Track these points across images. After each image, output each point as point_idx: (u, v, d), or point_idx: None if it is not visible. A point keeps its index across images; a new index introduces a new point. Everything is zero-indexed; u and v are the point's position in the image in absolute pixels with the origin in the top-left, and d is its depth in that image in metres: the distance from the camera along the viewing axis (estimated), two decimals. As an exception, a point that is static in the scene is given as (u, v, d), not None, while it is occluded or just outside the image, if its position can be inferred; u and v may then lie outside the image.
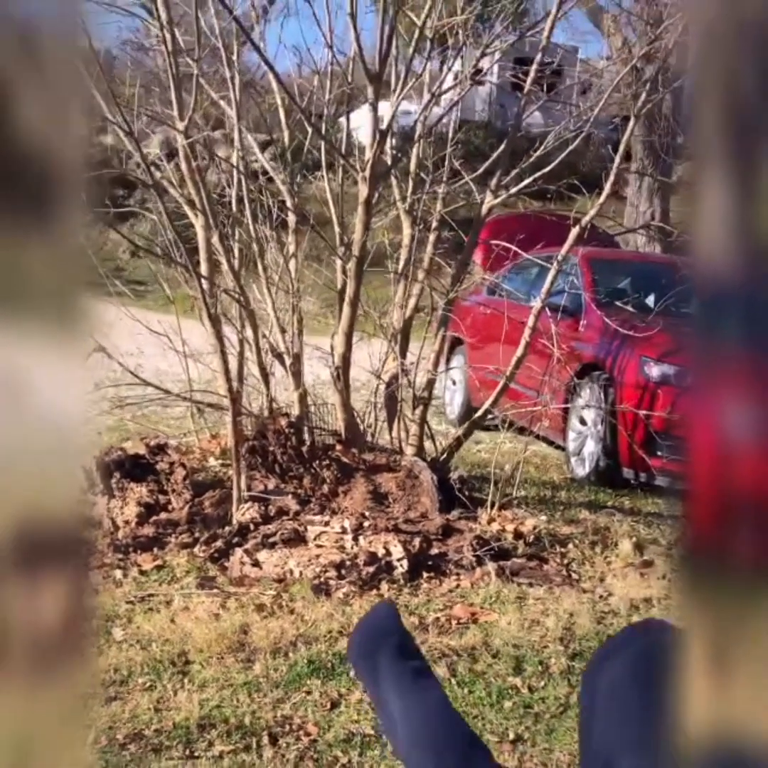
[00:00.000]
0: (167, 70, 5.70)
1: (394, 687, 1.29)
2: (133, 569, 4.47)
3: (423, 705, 1.26)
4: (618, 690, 0.94)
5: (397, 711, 1.27)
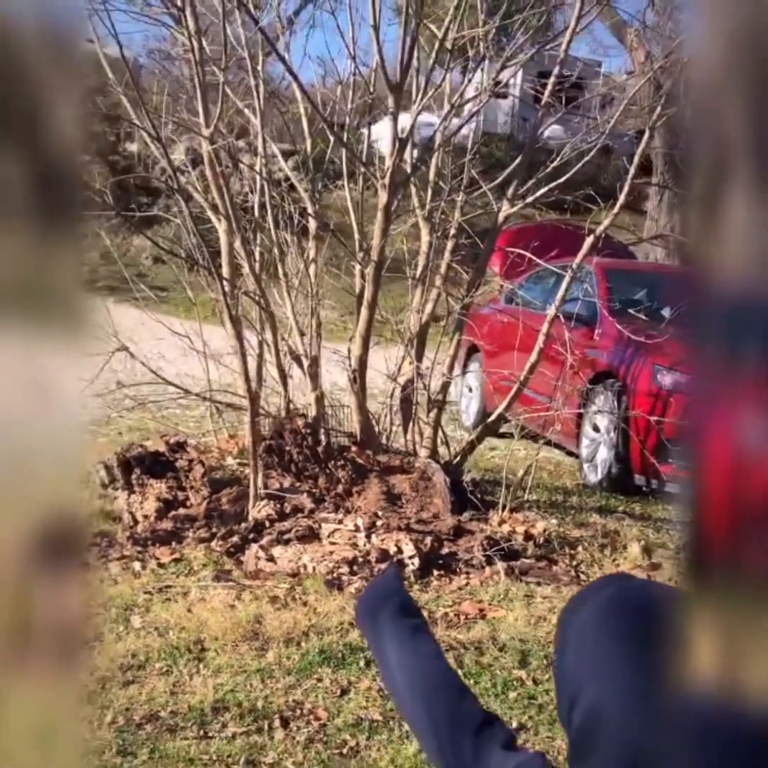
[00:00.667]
0: (193, 79, 5.86)
1: (393, 641, 1.40)
2: (151, 561, 4.60)
3: (418, 658, 1.37)
4: (587, 629, 1.04)
5: (395, 663, 1.38)
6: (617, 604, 1.02)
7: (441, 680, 1.32)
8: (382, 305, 6.20)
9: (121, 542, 4.73)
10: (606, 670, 0.96)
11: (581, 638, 1.02)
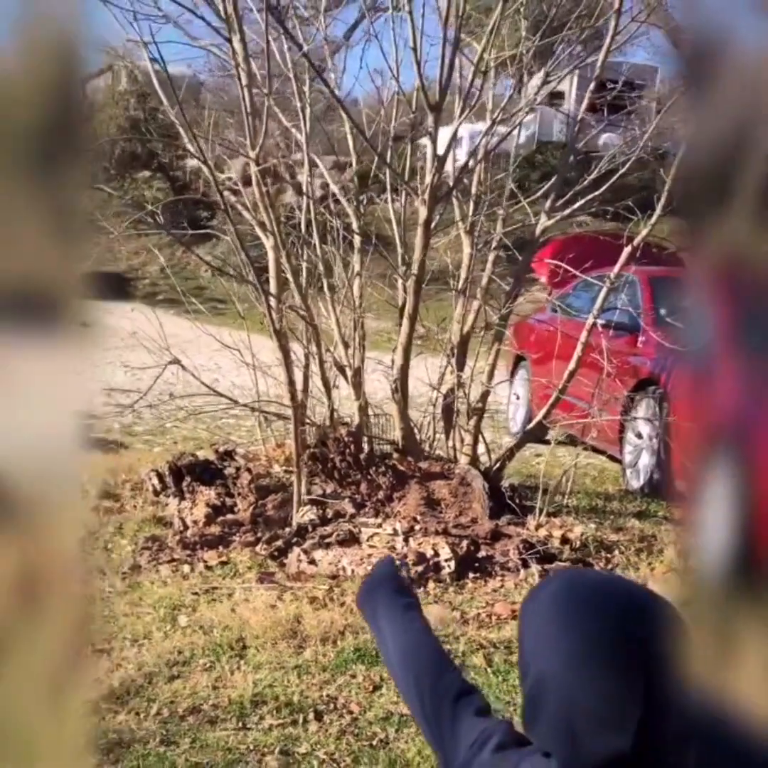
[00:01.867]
0: (241, 102, 6.11)
1: (387, 617, 1.58)
2: (199, 564, 4.83)
3: (408, 632, 1.54)
4: (537, 614, 1.21)
5: (388, 637, 1.56)
6: (562, 593, 1.19)
7: (427, 653, 1.50)
8: (424, 316, 6.38)
9: (172, 546, 4.98)
10: (549, 647, 1.13)
11: (533, 621, 1.19)
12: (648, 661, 1.06)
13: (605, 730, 1.06)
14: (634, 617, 1.11)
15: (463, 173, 6.52)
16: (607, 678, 1.07)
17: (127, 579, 4.75)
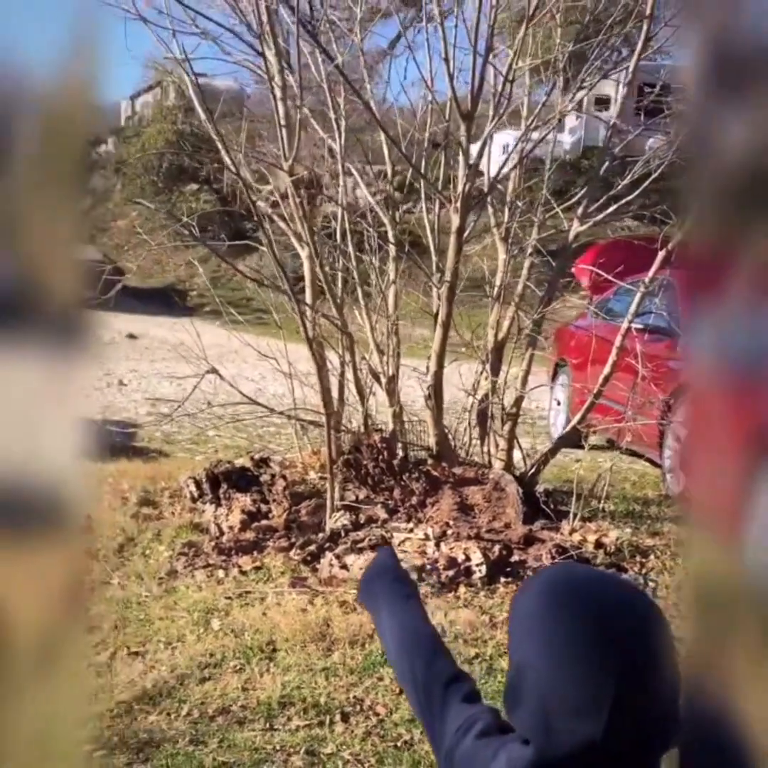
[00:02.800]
0: (275, 115, 6.21)
1: (386, 604, 1.63)
2: (234, 569, 4.92)
3: (406, 619, 1.60)
4: (525, 605, 1.25)
5: (387, 626, 1.62)
6: (548, 585, 1.24)
7: (422, 639, 1.55)
8: (460, 323, 6.41)
9: (207, 552, 5.07)
10: (531, 637, 1.18)
11: (520, 611, 1.24)
12: (623, 653, 1.10)
13: (578, 719, 1.09)
14: (612, 612, 1.14)
15: (496, 181, 6.55)
16: (582, 668, 1.10)
17: (163, 584, 4.85)
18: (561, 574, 1.35)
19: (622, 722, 1.08)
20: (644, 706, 1.10)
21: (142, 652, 4.15)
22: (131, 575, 4.99)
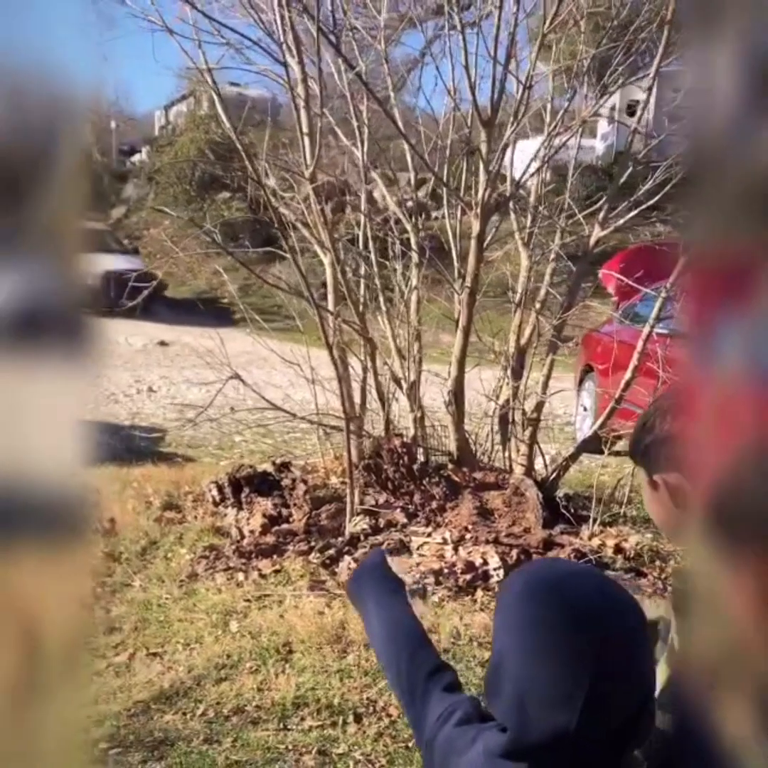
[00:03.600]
0: (296, 124, 6.28)
1: (373, 600, 1.67)
2: (253, 573, 4.97)
3: (391, 613, 1.63)
4: (506, 598, 1.29)
5: (374, 618, 1.66)
6: (529, 577, 1.27)
7: (407, 631, 1.59)
8: (483, 328, 6.44)
9: (228, 555, 5.13)
10: (510, 626, 1.21)
11: (502, 602, 1.27)
12: (598, 646, 1.13)
13: (552, 709, 1.12)
14: (590, 606, 1.17)
15: (518, 187, 6.57)
16: (558, 660, 1.13)
17: (184, 586, 4.91)
18: (542, 568, 1.38)
19: (596, 714, 1.11)
20: (618, 699, 1.13)
21: (161, 653, 4.22)
22: (153, 578, 5.06)
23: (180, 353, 14.78)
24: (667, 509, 1.39)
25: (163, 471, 6.87)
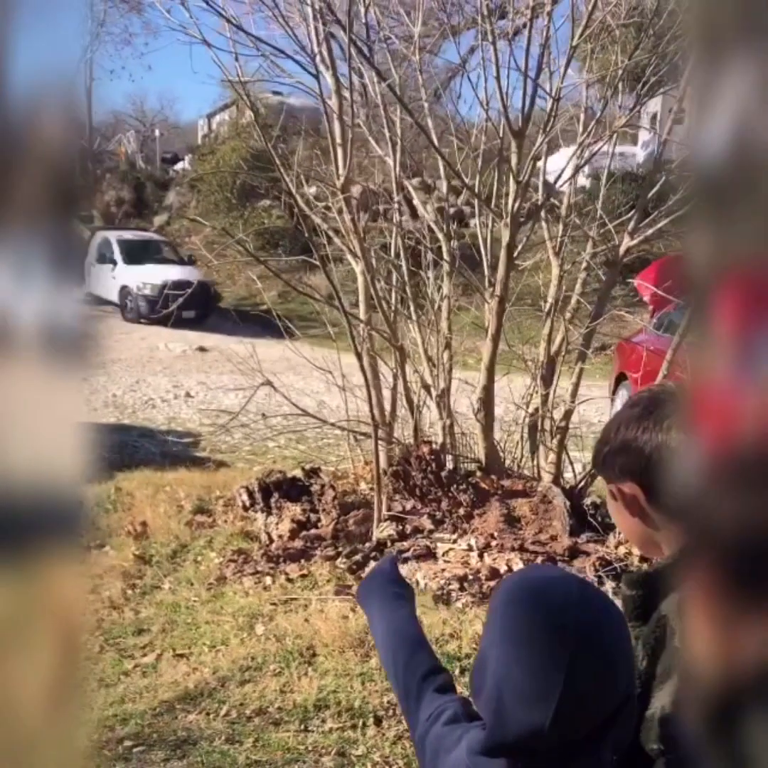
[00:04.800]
0: (328, 134, 6.37)
1: (378, 604, 1.73)
2: (281, 577, 5.04)
3: (394, 615, 1.69)
4: (494, 600, 1.35)
5: (377, 621, 1.72)
6: (514, 581, 1.32)
7: (405, 635, 1.65)
8: (511, 337, 6.47)
9: (256, 559, 5.20)
10: (493, 626, 1.26)
11: (490, 606, 1.32)
12: (572, 646, 1.17)
13: (528, 706, 1.17)
14: (564, 608, 1.21)
15: (549, 197, 6.60)
16: (533, 659, 1.18)
17: (212, 589, 4.99)
18: (526, 572, 1.44)
19: (571, 713, 1.15)
20: (594, 698, 1.17)
21: (187, 654, 4.30)
22: (182, 580, 5.15)
23: (218, 359, 14.94)
24: (625, 517, 1.43)
25: (196, 475, 6.97)
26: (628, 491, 1.39)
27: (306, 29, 6.46)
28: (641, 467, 1.36)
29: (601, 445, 1.46)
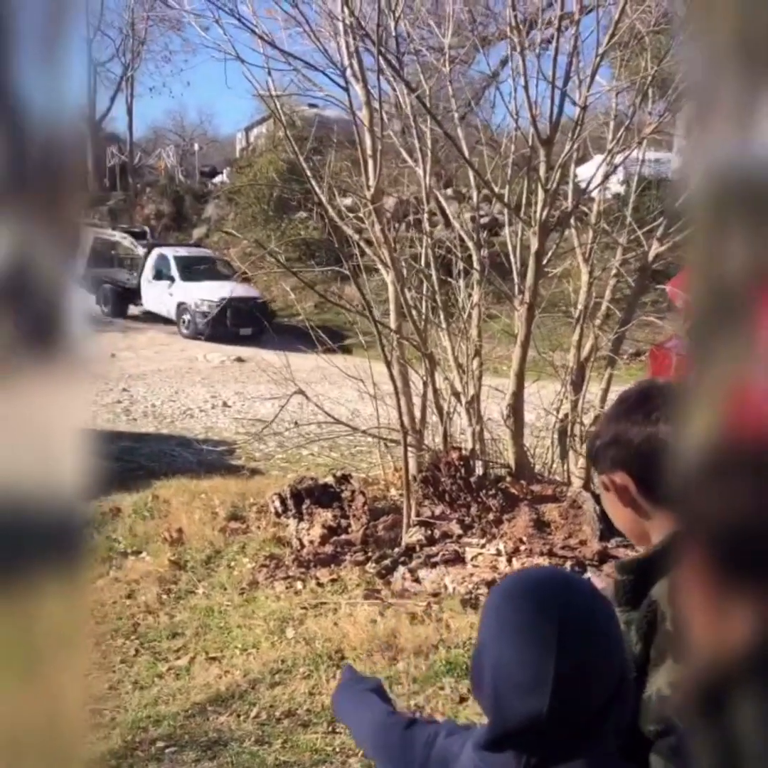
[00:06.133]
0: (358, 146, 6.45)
1: (351, 709, 1.82)
2: (311, 581, 5.12)
3: (362, 701, 1.78)
4: (491, 596, 1.41)
5: (351, 713, 1.80)
6: (508, 580, 1.39)
7: (377, 716, 1.72)
8: (541, 343, 6.51)
9: (288, 564, 5.28)
10: (487, 622, 1.32)
11: (486, 603, 1.39)
12: (561, 629, 1.22)
13: (524, 695, 1.22)
14: (554, 594, 1.27)
15: (576, 206, 6.63)
16: (526, 648, 1.23)
17: (244, 594, 5.08)
18: (520, 572, 1.50)
19: (566, 698, 1.20)
20: (588, 683, 1.22)
21: (220, 658, 4.39)
22: (216, 585, 5.24)
23: (255, 370, 15.09)
24: (617, 507, 1.48)
25: (231, 483, 7.07)
26: (619, 481, 1.45)
27: (336, 43, 6.57)
28: (631, 458, 1.42)
29: (595, 438, 1.53)
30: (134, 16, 32.87)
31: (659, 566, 1.37)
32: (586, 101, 5.81)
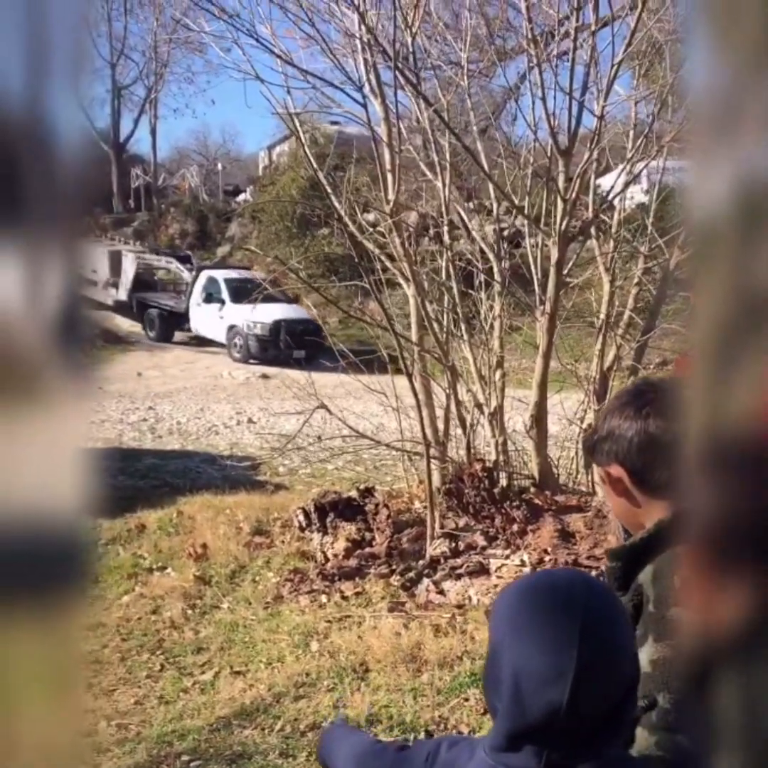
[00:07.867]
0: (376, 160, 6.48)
1: (334, 746, 1.82)
2: (336, 595, 5.12)
3: (346, 745, 1.78)
4: (504, 596, 1.41)
5: (340, 759, 1.80)
6: (523, 580, 1.39)
7: (364, 740, 1.73)
8: (563, 353, 6.50)
9: (312, 578, 5.29)
10: (504, 619, 1.33)
11: (496, 607, 1.39)
12: (582, 623, 1.23)
13: (544, 688, 1.22)
14: (573, 591, 1.28)
15: (596, 216, 6.63)
16: (545, 642, 1.24)
17: (269, 608, 5.09)
18: (532, 573, 1.51)
19: (587, 689, 1.20)
20: (606, 675, 1.22)
21: (244, 672, 4.39)
22: (240, 600, 5.25)
23: (280, 386, 15.15)
24: (613, 498, 1.53)
25: (255, 498, 7.09)
26: (614, 473, 1.52)
27: (354, 60, 6.61)
28: (624, 451, 1.50)
29: (592, 433, 1.58)
30: (157, 39, 33.28)
31: (647, 553, 1.47)
32: (603, 111, 5.80)
